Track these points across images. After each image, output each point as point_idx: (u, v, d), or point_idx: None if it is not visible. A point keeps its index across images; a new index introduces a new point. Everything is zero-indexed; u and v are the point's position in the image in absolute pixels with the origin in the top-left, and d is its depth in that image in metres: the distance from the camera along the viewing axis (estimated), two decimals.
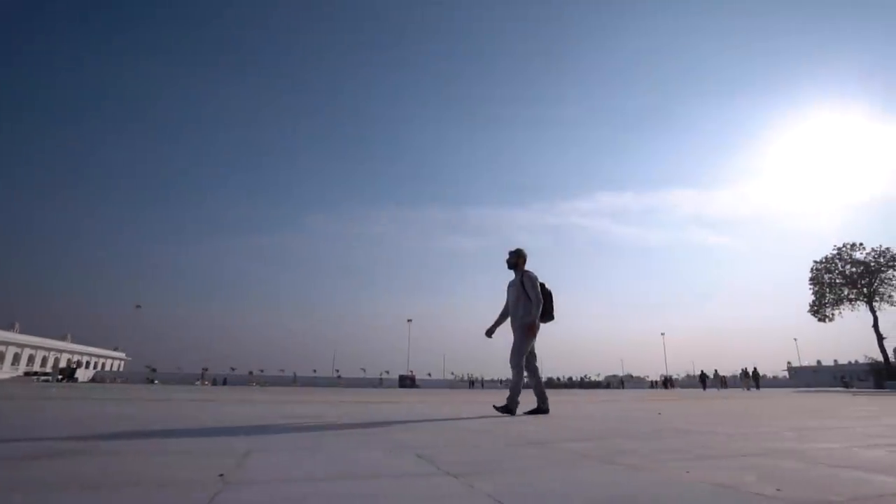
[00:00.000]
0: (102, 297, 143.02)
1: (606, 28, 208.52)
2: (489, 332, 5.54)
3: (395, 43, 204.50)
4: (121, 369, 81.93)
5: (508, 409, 5.01)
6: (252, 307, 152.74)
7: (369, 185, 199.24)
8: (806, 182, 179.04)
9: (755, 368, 34.41)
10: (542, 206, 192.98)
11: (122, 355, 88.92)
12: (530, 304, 5.18)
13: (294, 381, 65.67)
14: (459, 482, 1.49)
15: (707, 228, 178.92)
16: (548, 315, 5.36)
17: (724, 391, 29.55)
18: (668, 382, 55.38)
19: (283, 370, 73.09)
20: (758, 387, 33.57)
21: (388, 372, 73.17)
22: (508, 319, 5.46)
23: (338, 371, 79.24)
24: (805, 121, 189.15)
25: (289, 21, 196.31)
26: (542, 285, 5.35)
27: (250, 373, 72.83)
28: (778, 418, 4.74)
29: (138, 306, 75.22)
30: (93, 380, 60.80)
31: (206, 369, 66.39)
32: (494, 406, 5.33)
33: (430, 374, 79.41)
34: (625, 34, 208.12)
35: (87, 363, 72.97)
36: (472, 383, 67.00)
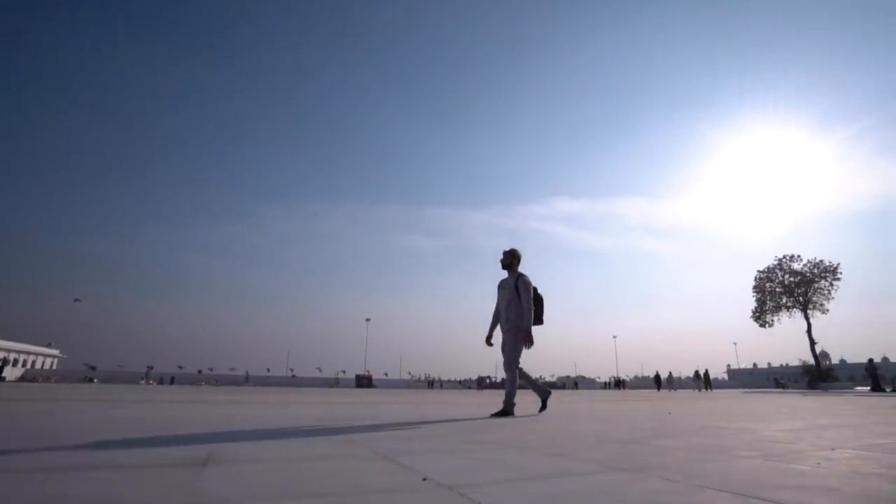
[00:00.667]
0: (35, 290, 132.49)
1: (566, 32, 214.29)
2: (488, 340, 5.44)
3: (363, 38, 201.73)
4: (54, 367, 76.25)
5: (505, 412, 4.92)
6: (201, 302, 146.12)
7: (330, 181, 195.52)
8: (746, 194, 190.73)
9: (706, 371, 36.37)
10: (499, 209, 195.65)
11: (56, 352, 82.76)
12: (522, 308, 5.10)
13: (246, 381, 63.46)
14: (654, 477, 1.55)
15: (654, 236, 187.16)
16: (538, 319, 5.27)
17: (678, 392, 31.03)
18: (620, 383, 57.57)
19: (233, 369, 70.33)
20: (709, 388, 35.51)
21: (344, 371, 72.11)
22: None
23: (292, 370, 77.29)
24: (748, 134, 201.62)
25: (257, 15, 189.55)
26: (534, 289, 5.29)
27: (199, 371, 69.77)
28: (781, 416, 5.07)
29: (77, 300, 70.47)
30: (22, 378, 56.34)
31: (152, 367, 62.98)
32: (492, 414, 5.05)
33: (386, 374, 78.83)
34: (583, 39, 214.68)
35: (15, 361, 67.53)
36: (430, 384, 67.01)
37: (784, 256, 41.47)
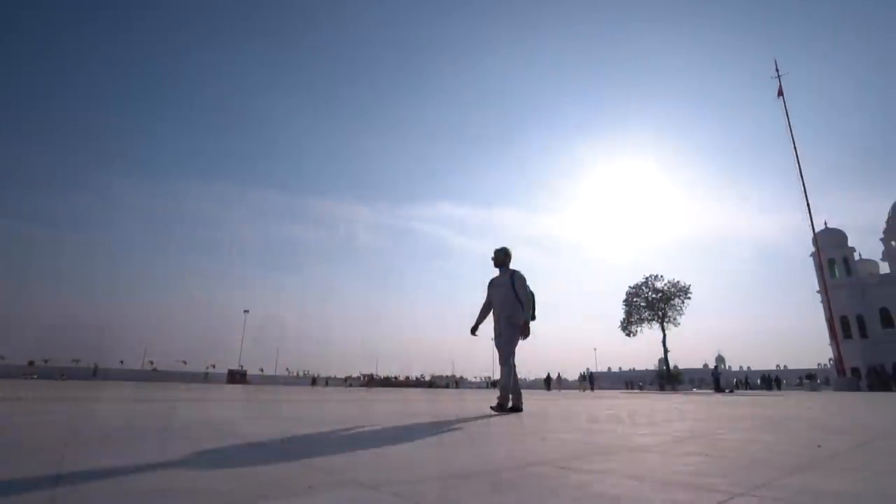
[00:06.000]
0: None
1: (463, 42, 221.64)
2: (474, 330, 5.60)
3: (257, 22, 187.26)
4: None
5: (515, 408, 5.23)
6: (31, 282, 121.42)
7: (205, 162, 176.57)
8: (613, 217, 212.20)
9: (591, 373, 40.93)
10: (384, 206, 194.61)
11: None
12: (519, 303, 5.30)
13: (94, 374, 55.19)
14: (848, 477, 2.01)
15: (532, 246, 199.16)
16: (532, 314, 5.46)
17: (565, 391, 33.97)
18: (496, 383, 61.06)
19: (77, 360, 60.25)
20: (592, 388, 40.28)
21: (213, 366, 66.08)
22: (490, 316, 5.55)
23: (152, 362, 68.86)
24: (613, 163, 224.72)
25: None
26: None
27: (31, 363, 58.85)
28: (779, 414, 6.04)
29: None
30: None
31: None
32: (491, 407, 5.26)
33: (262, 370, 73.94)
34: (476, 53, 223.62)
35: None
36: (313, 381, 64.37)
37: (650, 276, 47.95)
